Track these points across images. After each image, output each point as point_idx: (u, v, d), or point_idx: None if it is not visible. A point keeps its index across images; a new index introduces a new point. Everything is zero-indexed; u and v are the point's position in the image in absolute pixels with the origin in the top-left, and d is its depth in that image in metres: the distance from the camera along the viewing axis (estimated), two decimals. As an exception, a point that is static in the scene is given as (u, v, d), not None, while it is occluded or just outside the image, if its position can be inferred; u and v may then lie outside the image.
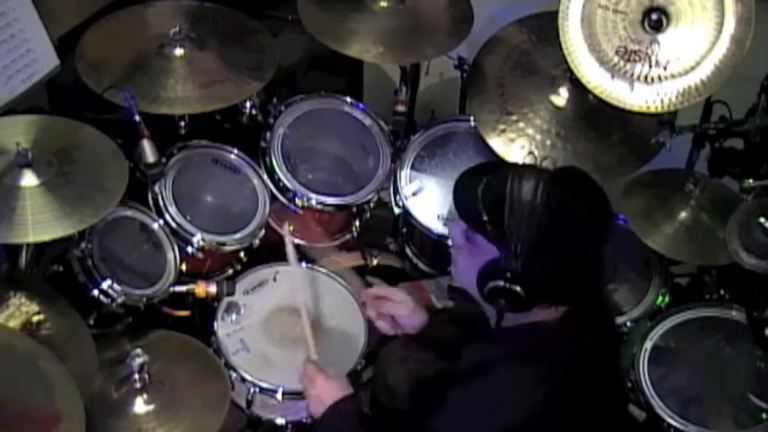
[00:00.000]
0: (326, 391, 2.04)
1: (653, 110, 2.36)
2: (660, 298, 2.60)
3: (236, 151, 2.64)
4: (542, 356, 1.72)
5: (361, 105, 2.82)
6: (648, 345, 2.45)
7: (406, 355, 2.18)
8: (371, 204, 2.78)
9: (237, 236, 2.56)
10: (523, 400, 1.68)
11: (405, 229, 2.83)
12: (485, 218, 1.71)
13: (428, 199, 2.72)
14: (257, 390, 2.35)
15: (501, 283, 1.70)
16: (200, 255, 2.49)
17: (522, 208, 1.67)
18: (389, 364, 2.21)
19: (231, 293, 2.41)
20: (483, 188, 1.73)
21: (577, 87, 2.56)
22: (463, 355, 1.84)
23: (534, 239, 1.67)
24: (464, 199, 1.78)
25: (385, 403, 2.16)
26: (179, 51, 2.54)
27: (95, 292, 2.22)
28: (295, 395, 2.33)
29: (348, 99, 2.82)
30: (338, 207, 2.70)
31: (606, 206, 1.76)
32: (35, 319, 2.04)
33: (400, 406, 2.10)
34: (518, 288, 1.69)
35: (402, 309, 2.18)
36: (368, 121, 2.81)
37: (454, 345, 1.95)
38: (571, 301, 1.76)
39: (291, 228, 2.71)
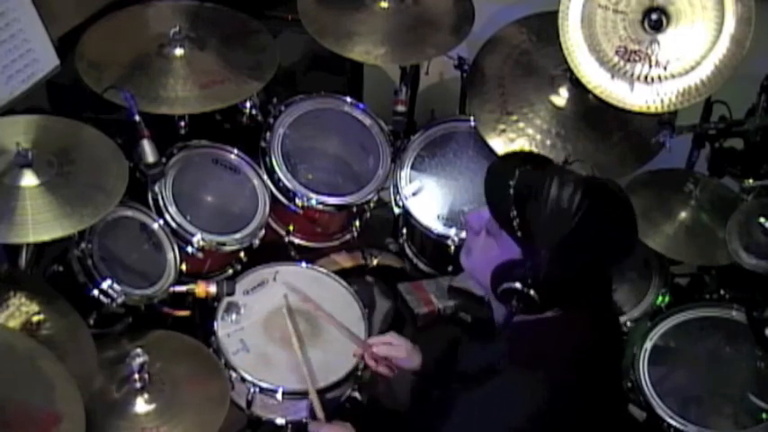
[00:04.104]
0: None
1: (653, 110, 2.36)
2: (660, 298, 2.60)
3: (236, 151, 2.64)
4: (545, 358, 1.71)
5: (361, 105, 2.82)
6: (648, 345, 2.46)
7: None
8: (371, 204, 2.78)
9: (237, 236, 2.56)
10: (525, 403, 1.68)
11: (405, 229, 2.83)
12: (513, 213, 1.65)
13: (428, 199, 2.72)
14: (257, 390, 2.34)
15: (518, 285, 1.66)
16: (200, 255, 2.49)
17: (556, 214, 1.62)
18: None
19: (231, 293, 2.41)
20: (516, 183, 1.66)
21: (577, 87, 2.56)
22: (464, 356, 1.84)
23: (562, 248, 1.63)
24: (495, 191, 1.71)
25: (386, 405, 2.17)
26: (179, 51, 2.54)
27: (95, 292, 2.22)
28: (295, 395, 2.33)
29: (348, 99, 2.82)
30: (338, 207, 2.70)
31: (634, 224, 1.74)
32: (35, 319, 2.04)
33: (401, 408, 2.11)
34: (533, 293, 1.66)
35: (400, 351, 2.18)
36: (368, 121, 2.81)
37: (456, 346, 1.95)
38: (582, 307, 1.75)
39: (291, 228, 2.72)
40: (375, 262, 2.80)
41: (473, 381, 1.74)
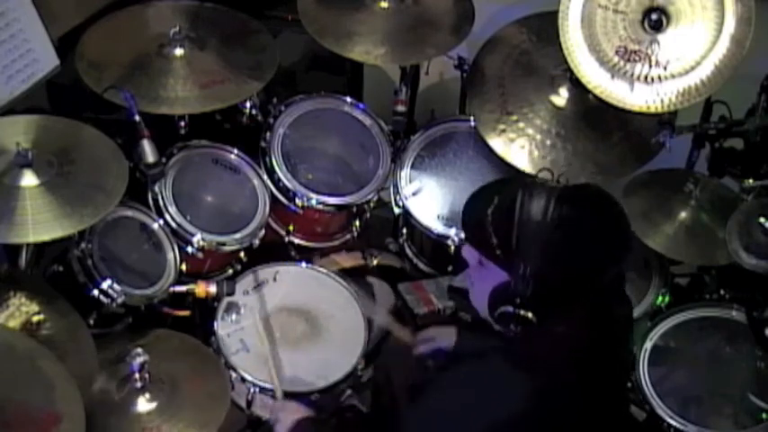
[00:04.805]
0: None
1: (653, 110, 2.36)
2: (660, 298, 2.60)
3: (236, 151, 2.64)
4: (537, 355, 1.71)
5: (361, 105, 2.82)
6: (648, 345, 2.46)
7: (408, 356, 2.19)
8: (371, 204, 2.78)
9: (237, 236, 2.56)
10: (511, 396, 1.68)
11: (405, 229, 2.83)
12: (494, 241, 1.66)
13: (428, 199, 2.72)
14: (257, 390, 2.34)
15: (510, 308, 1.67)
16: (200, 255, 2.49)
17: (530, 229, 1.61)
18: (392, 365, 2.21)
19: (231, 293, 2.41)
20: (492, 210, 1.67)
21: (577, 87, 2.56)
22: (457, 347, 1.84)
23: (543, 262, 1.62)
24: (473, 222, 1.73)
25: (386, 404, 2.17)
26: (179, 51, 2.54)
27: (95, 292, 2.22)
28: (295, 395, 2.32)
29: (348, 99, 2.82)
30: (338, 207, 2.70)
31: (621, 224, 1.71)
32: (35, 319, 2.04)
33: (401, 406, 2.10)
34: (529, 314, 1.66)
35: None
36: (368, 121, 2.81)
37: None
38: (582, 314, 1.74)
39: (291, 228, 2.72)
40: (375, 262, 2.80)
41: (461, 368, 1.74)
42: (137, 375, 2.13)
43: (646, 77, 2.34)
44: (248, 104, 2.70)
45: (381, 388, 2.22)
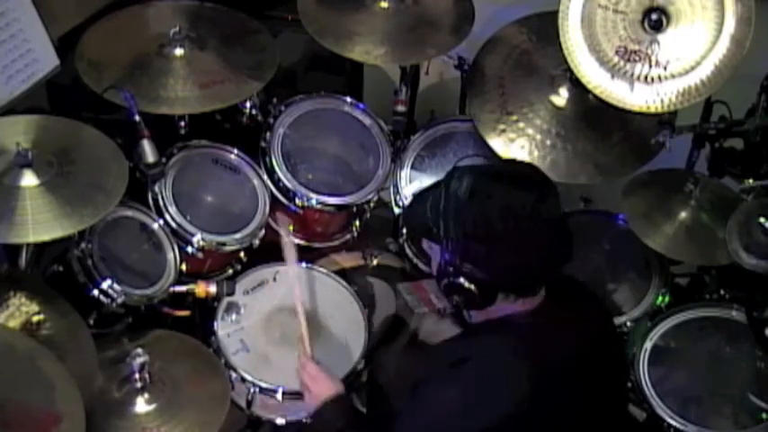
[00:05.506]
0: (325, 389, 2.12)
1: (653, 110, 2.36)
2: (660, 298, 2.60)
3: (236, 151, 2.64)
4: (512, 351, 1.72)
5: (361, 105, 2.82)
6: (648, 345, 2.46)
7: (399, 359, 2.20)
8: (371, 204, 2.78)
9: (237, 236, 2.56)
10: (511, 396, 1.68)
11: (405, 229, 2.83)
12: (431, 224, 1.77)
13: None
14: (257, 390, 2.34)
15: (446, 280, 1.75)
16: (200, 255, 2.49)
17: (450, 203, 1.71)
18: (382, 372, 2.23)
19: (231, 293, 2.41)
20: (430, 201, 1.79)
21: (577, 87, 2.56)
22: (440, 351, 1.86)
23: (466, 229, 1.70)
24: (415, 209, 1.86)
25: (379, 406, 2.17)
26: (179, 51, 2.54)
27: (95, 292, 2.22)
28: (295, 395, 2.33)
29: (348, 99, 2.82)
30: (338, 207, 2.70)
31: (547, 198, 1.76)
32: (35, 319, 2.04)
33: (395, 410, 2.11)
34: (466, 283, 1.72)
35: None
36: (368, 121, 2.81)
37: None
38: (532, 293, 1.76)
39: (291, 228, 2.72)
40: (375, 262, 2.80)
41: (443, 376, 1.78)
42: (137, 375, 2.12)
43: (646, 77, 2.34)
44: (248, 104, 2.70)
45: (375, 393, 2.23)
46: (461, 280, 1.73)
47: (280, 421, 2.41)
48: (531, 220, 1.72)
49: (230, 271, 2.64)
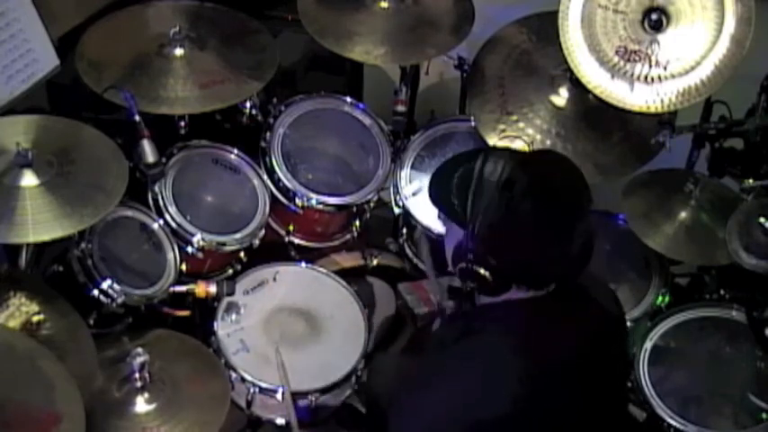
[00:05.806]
0: None
1: (653, 110, 2.36)
2: (660, 298, 2.60)
3: (236, 151, 2.64)
4: (511, 350, 1.72)
5: (361, 105, 2.83)
6: (648, 345, 2.46)
7: (394, 363, 2.20)
8: (371, 204, 2.78)
9: (237, 236, 2.56)
10: (510, 396, 1.68)
11: (405, 229, 2.83)
12: (455, 201, 1.72)
13: (428, 199, 2.71)
14: (257, 390, 2.34)
15: (464, 264, 1.72)
16: (200, 255, 2.49)
17: (483, 188, 1.67)
18: (379, 375, 2.23)
19: (231, 293, 2.41)
20: (459, 174, 1.74)
21: (577, 87, 2.56)
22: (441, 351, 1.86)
23: (493, 220, 1.66)
24: (439, 184, 1.80)
25: (378, 407, 2.17)
26: (179, 51, 2.54)
27: (95, 292, 2.22)
28: (295, 395, 2.32)
29: (348, 99, 2.82)
30: (338, 207, 2.70)
31: (578, 192, 1.73)
32: (35, 319, 2.04)
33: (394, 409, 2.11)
34: (482, 270, 1.70)
35: None
36: (368, 121, 2.81)
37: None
38: (545, 286, 1.75)
39: (291, 228, 2.72)
40: (375, 262, 2.80)
41: (439, 357, 1.77)
42: (137, 375, 2.12)
43: (646, 77, 2.34)
44: (248, 104, 2.70)
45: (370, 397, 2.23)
46: (479, 267, 1.71)
47: (280, 421, 2.42)
48: (565, 229, 1.70)
49: (230, 271, 2.64)
